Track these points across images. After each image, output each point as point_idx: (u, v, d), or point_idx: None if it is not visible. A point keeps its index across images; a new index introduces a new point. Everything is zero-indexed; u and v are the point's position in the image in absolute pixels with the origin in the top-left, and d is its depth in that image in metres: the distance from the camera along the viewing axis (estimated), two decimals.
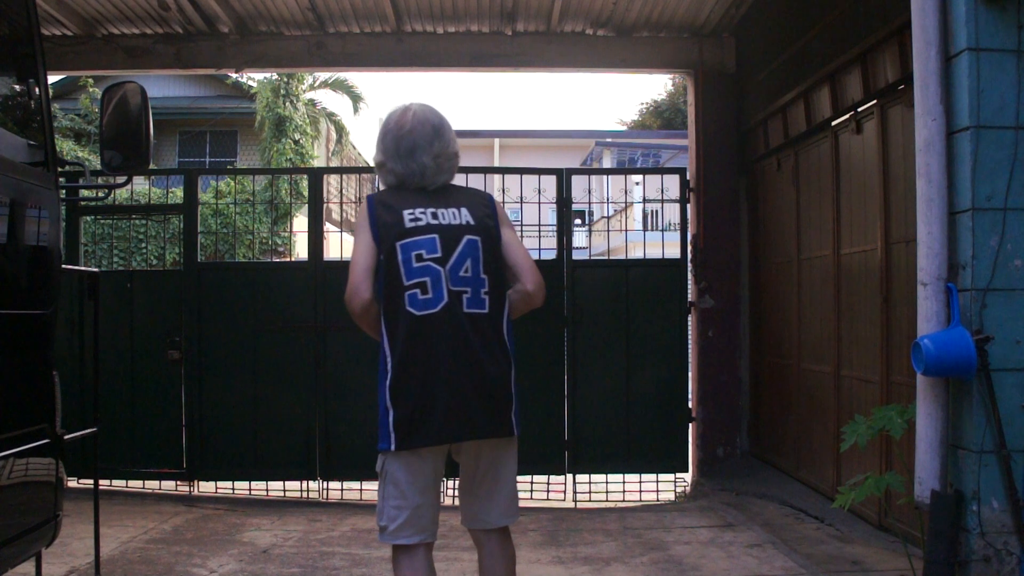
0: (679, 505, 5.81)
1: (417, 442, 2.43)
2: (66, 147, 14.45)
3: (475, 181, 5.07)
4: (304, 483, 5.95)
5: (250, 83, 16.97)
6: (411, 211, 2.52)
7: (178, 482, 5.98)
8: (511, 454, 2.59)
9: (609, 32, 6.50)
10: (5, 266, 2.64)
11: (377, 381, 2.51)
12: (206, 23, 6.33)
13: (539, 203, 6.11)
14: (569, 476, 5.96)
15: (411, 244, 2.47)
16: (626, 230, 8.47)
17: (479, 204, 2.62)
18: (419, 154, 2.56)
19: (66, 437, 3.04)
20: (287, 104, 15.54)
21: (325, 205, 6.39)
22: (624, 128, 31.04)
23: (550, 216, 6.37)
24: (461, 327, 2.44)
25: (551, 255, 6.06)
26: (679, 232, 6.37)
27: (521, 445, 2.67)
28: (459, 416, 2.42)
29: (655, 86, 70.41)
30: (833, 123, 5.12)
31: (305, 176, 6.82)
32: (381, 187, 2.72)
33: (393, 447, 2.43)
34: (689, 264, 6.32)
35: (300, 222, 7.84)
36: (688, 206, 6.44)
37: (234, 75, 12.04)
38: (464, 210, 2.56)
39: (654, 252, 6.48)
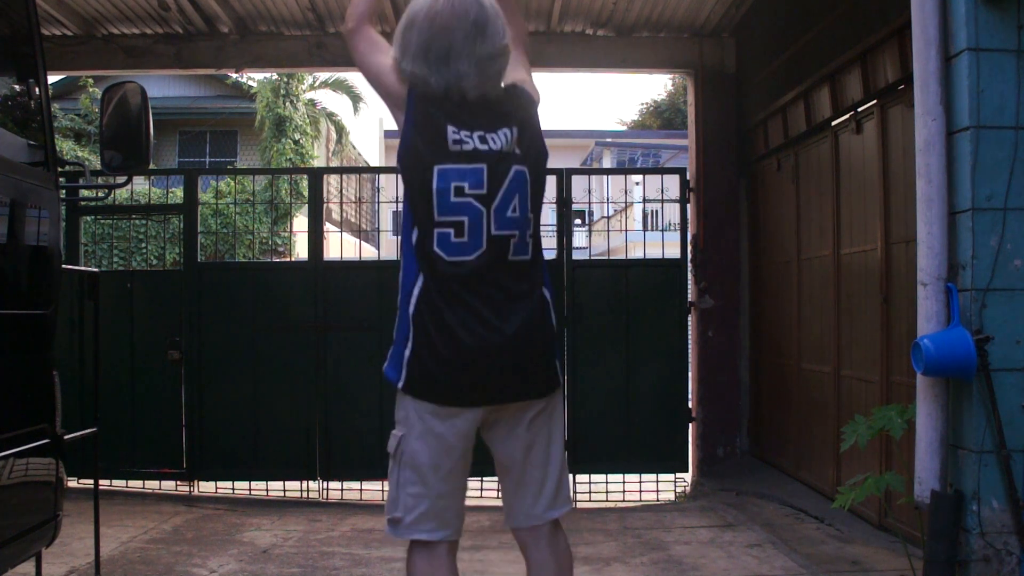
0: (679, 505, 5.81)
1: (447, 397, 2.03)
2: (66, 147, 14.45)
3: None
4: (304, 483, 5.95)
5: (250, 83, 16.96)
6: (456, 129, 2.03)
7: (178, 482, 5.98)
8: (560, 414, 2.23)
9: (609, 32, 6.50)
10: (5, 266, 2.64)
11: (399, 291, 2.11)
12: (206, 23, 6.32)
13: None
14: (569, 476, 5.95)
15: (452, 172, 2.01)
16: (626, 230, 8.47)
17: (530, 118, 2.14)
18: (456, 59, 2.01)
19: (66, 437, 3.04)
20: (287, 104, 15.53)
21: (325, 205, 6.40)
22: (624, 128, 31.07)
23: (550, 216, 6.35)
24: (504, 279, 2.05)
25: (551, 255, 6.05)
26: (679, 232, 6.37)
27: None
28: (499, 375, 2.05)
29: (655, 86, 70.48)
30: (833, 123, 5.12)
31: (305, 176, 6.84)
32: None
33: (401, 385, 2.05)
34: (689, 264, 6.32)
35: (300, 222, 7.84)
36: (688, 206, 6.44)
37: (234, 75, 12.02)
38: (514, 131, 2.08)
39: (654, 252, 6.48)
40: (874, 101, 4.57)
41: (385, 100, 2.16)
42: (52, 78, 8.71)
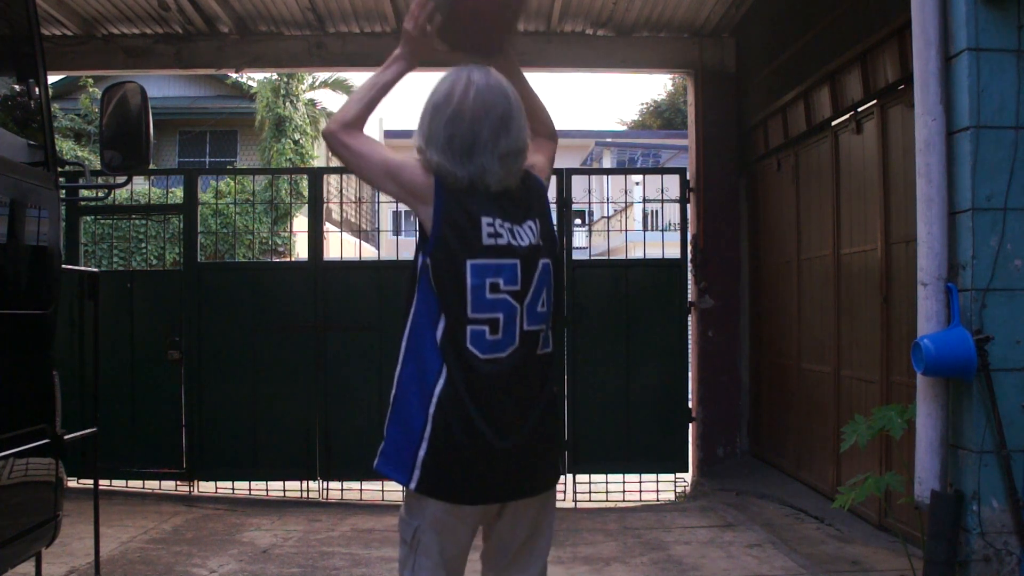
0: (679, 505, 5.81)
1: (466, 496, 2.01)
2: (66, 147, 14.45)
3: None
4: (304, 483, 5.95)
5: (250, 83, 16.98)
6: (490, 220, 1.99)
7: (178, 482, 5.98)
8: (553, 507, 2.24)
9: (609, 32, 6.50)
10: (5, 266, 2.64)
11: (400, 385, 2.06)
12: (206, 23, 6.33)
13: None
14: (569, 476, 5.95)
15: (487, 268, 1.97)
16: (626, 230, 8.45)
17: (546, 208, 2.14)
18: (479, 154, 1.98)
19: (66, 437, 3.04)
20: (287, 104, 15.54)
21: (325, 205, 6.40)
22: (624, 128, 31.06)
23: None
24: (530, 373, 2.04)
25: None
26: (679, 232, 6.36)
27: None
28: (518, 471, 2.03)
29: (655, 86, 70.49)
30: (833, 123, 5.12)
31: (305, 176, 6.83)
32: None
33: (415, 486, 1.99)
34: (689, 264, 6.32)
35: (300, 222, 7.84)
36: (688, 206, 6.44)
37: (234, 75, 12.03)
38: (538, 223, 2.06)
39: (654, 252, 6.47)
40: (874, 101, 4.57)
41: (402, 196, 2.07)
42: (52, 78, 8.71)
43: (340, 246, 11.30)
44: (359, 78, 18.40)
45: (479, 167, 1.98)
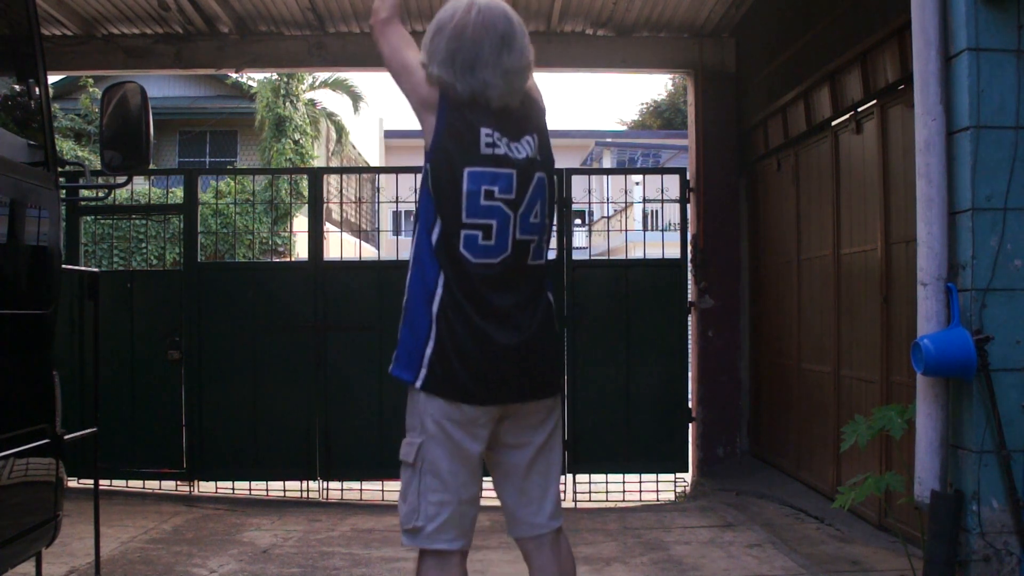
0: (679, 505, 5.81)
1: (469, 396, 2.02)
2: (66, 147, 14.45)
3: None
4: (304, 483, 5.95)
5: (250, 83, 16.97)
6: (489, 132, 2.07)
7: (178, 482, 5.98)
8: (561, 420, 2.25)
9: (609, 32, 6.50)
10: (5, 266, 2.64)
11: (408, 291, 2.10)
12: (206, 23, 6.33)
13: None
14: (569, 476, 5.96)
15: (483, 175, 2.04)
16: (626, 230, 8.46)
17: (544, 125, 2.21)
18: (481, 70, 2.05)
19: (66, 437, 3.04)
20: (287, 104, 15.54)
21: (325, 205, 6.40)
22: (624, 128, 31.07)
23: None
24: (521, 282, 2.09)
25: (551, 255, 6.03)
26: (679, 232, 6.36)
27: None
28: (519, 374, 2.07)
29: (655, 86, 70.50)
30: (833, 123, 5.12)
31: (305, 176, 6.84)
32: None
33: (420, 384, 2.03)
34: (689, 264, 6.32)
35: (300, 222, 7.84)
36: (688, 206, 6.44)
37: (234, 75, 12.05)
38: (536, 138, 2.14)
39: (654, 252, 6.47)
40: (874, 101, 4.57)
41: (410, 97, 2.16)
42: (52, 78, 8.71)
43: (340, 246, 11.30)
44: (359, 78, 18.46)
45: (481, 81, 2.06)
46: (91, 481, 4.13)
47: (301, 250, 9.37)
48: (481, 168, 2.05)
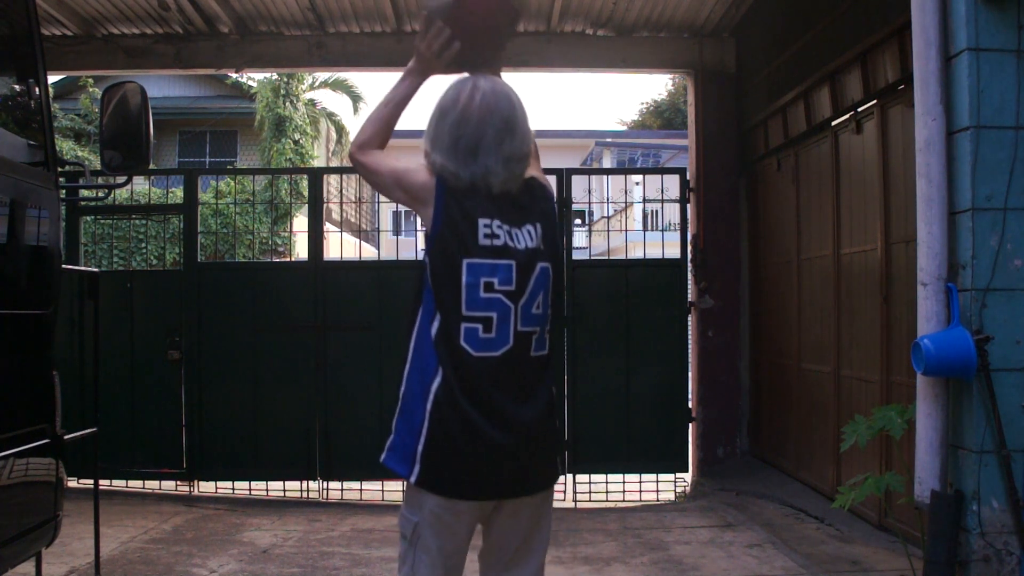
0: (679, 505, 5.81)
1: (463, 491, 2.03)
2: (66, 147, 14.45)
3: None
4: (304, 483, 5.95)
5: (250, 83, 16.98)
6: (487, 222, 2.04)
7: (178, 482, 5.98)
8: (550, 506, 2.25)
9: (609, 32, 6.50)
10: (5, 266, 2.64)
11: (406, 382, 2.10)
12: (206, 23, 6.33)
13: None
14: (569, 476, 5.96)
15: (481, 267, 2.02)
16: (626, 230, 8.46)
17: (550, 214, 2.17)
18: (484, 155, 2.03)
19: (66, 437, 3.04)
20: (287, 104, 15.54)
21: (325, 205, 6.40)
22: (624, 128, 31.06)
23: None
24: (524, 374, 2.07)
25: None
26: (679, 232, 6.36)
27: None
28: (515, 470, 2.06)
29: (655, 86, 70.50)
30: (833, 123, 5.12)
31: (305, 176, 6.83)
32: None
33: (415, 480, 2.03)
34: (689, 264, 6.32)
35: (300, 222, 7.84)
36: (688, 206, 6.44)
37: (234, 75, 12.05)
38: (539, 227, 2.10)
39: (654, 252, 6.48)
40: (874, 101, 4.57)
41: (408, 201, 2.14)
42: (52, 78, 8.72)
43: (340, 246, 11.30)
44: (359, 78, 18.46)
45: (482, 168, 2.03)
46: (91, 481, 4.13)
47: (301, 250, 9.36)
48: (479, 260, 2.02)
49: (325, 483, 5.97)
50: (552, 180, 6.20)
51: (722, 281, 6.47)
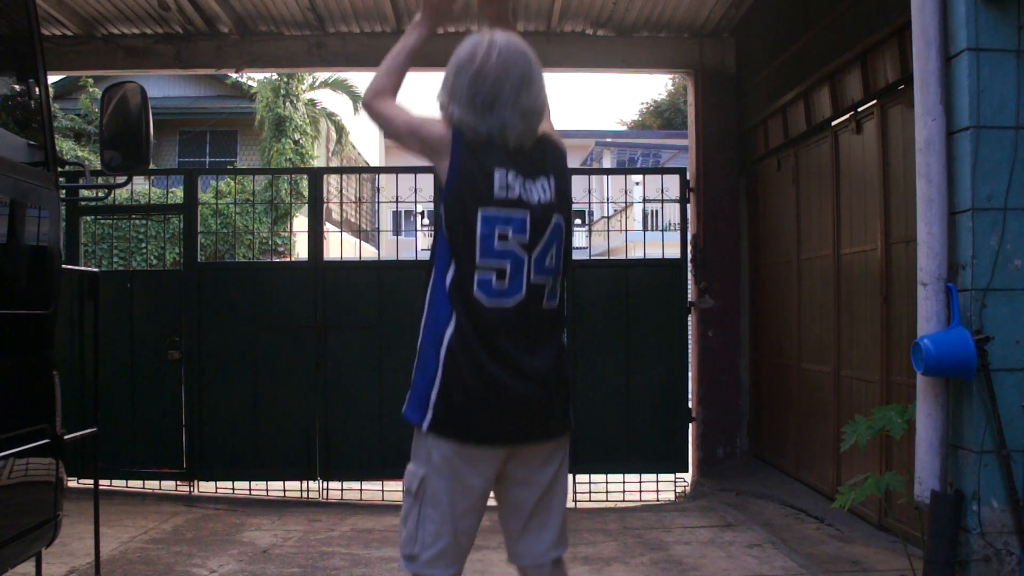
0: (679, 505, 5.81)
1: (476, 435, 2.04)
2: (66, 147, 14.45)
3: None
4: (304, 483, 5.95)
5: (250, 83, 16.97)
6: (502, 172, 2.06)
7: (178, 482, 5.98)
8: (566, 469, 2.24)
9: (609, 32, 6.50)
10: (5, 266, 2.64)
11: (422, 333, 2.11)
12: (206, 23, 6.33)
13: None
14: (569, 476, 5.95)
15: (496, 217, 2.04)
16: (626, 230, 8.47)
17: (563, 169, 2.19)
18: (500, 109, 2.05)
19: (66, 437, 3.05)
20: (287, 104, 15.54)
21: (325, 205, 6.40)
22: (624, 128, 31.08)
23: None
24: (535, 324, 2.09)
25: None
26: (679, 232, 6.36)
27: None
28: (527, 415, 2.07)
29: (655, 86, 70.50)
30: (833, 123, 5.12)
31: (305, 176, 6.84)
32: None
33: (427, 426, 2.04)
34: (689, 264, 6.32)
35: (300, 222, 7.84)
36: (688, 206, 6.44)
37: (234, 75, 12.04)
38: (552, 180, 2.13)
39: (654, 252, 6.48)
40: (874, 101, 4.57)
41: (423, 151, 2.16)
42: (52, 78, 8.71)
43: (340, 246, 11.30)
44: (359, 78, 18.45)
45: (499, 121, 2.06)
46: (91, 481, 4.13)
47: (301, 250, 9.37)
48: (494, 210, 2.04)
49: (325, 483, 5.97)
50: None
51: (722, 281, 6.47)
